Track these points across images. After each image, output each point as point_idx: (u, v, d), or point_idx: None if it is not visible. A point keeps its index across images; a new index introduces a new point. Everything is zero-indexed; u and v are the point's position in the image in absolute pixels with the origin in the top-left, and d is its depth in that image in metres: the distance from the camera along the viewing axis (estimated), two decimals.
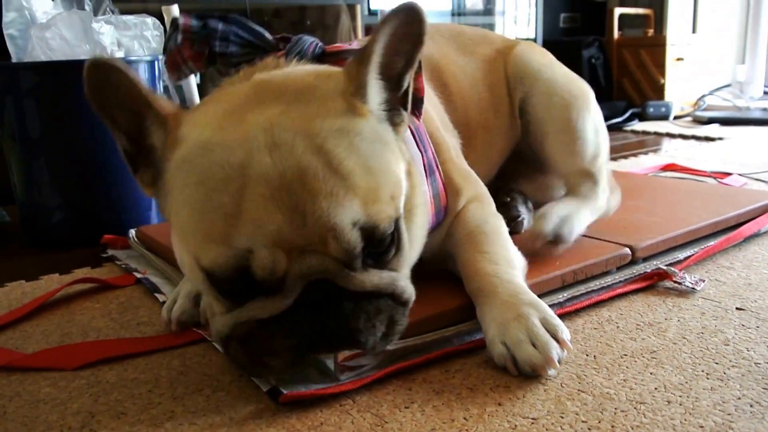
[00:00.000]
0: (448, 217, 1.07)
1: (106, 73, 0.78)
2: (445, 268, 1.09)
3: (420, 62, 0.87)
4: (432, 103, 1.18)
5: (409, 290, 0.84)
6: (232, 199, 0.72)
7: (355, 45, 1.04)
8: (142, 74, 1.64)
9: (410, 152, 0.95)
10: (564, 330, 0.88)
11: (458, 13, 3.94)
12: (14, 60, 1.64)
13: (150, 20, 1.73)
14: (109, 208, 1.63)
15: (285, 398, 0.82)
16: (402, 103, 0.87)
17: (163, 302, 1.11)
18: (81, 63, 1.51)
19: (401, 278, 0.83)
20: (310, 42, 1.01)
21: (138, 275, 1.33)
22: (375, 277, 0.79)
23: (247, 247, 0.72)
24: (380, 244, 0.79)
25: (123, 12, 1.76)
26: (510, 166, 1.43)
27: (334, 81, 0.83)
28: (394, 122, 0.86)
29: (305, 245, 0.73)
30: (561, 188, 1.45)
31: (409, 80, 0.86)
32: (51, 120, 1.58)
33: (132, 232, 1.52)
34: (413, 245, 0.89)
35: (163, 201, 0.84)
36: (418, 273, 1.01)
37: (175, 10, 1.78)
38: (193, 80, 1.83)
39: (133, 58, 1.66)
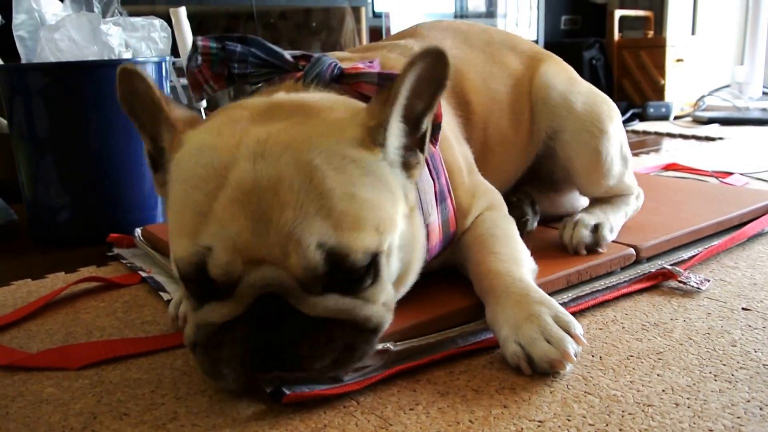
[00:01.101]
0: (456, 234, 1.06)
1: (131, 79, 0.82)
2: (450, 269, 1.08)
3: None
4: (449, 124, 1.16)
5: (377, 319, 0.81)
6: (205, 198, 0.74)
7: (375, 65, 1.03)
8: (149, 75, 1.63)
9: (421, 186, 0.95)
10: (577, 325, 0.87)
11: (461, 15, 3.94)
12: (24, 61, 1.66)
13: (157, 22, 1.73)
14: (116, 208, 1.64)
15: (288, 399, 0.81)
16: (419, 145, 0.87)
17: (168, 301, 1.11)
18: (89, 64, 1.53)
19: (367, 308, 0.79)
20: (329, 63, 1.00)
21: (143, 274, 1.32)
22: (330, 302, 0.76)
23: (207, 244, 0.73)
24: (351, 274, 0.77)
25: (131, 14, 1.77)
26: (524, 179, 1.42)
27: (352, 112, 0.83)
28: (408, 165, 0.86)
29: (265, 255, 0.73)
30: (573, 202, 1.46)
31: (428, 124, 0.86)
32: (59, 120, 1.58)
33: (138, 231, 1.52)
34: (404, 280, 0.89)
35: (166, 201, 0.86)
36: (423, 275, 1.01)
37: (182, 12, 1.78)
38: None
39: (140, 59, 1.66)
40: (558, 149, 1.33)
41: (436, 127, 0.91)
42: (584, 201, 1.45)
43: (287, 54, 1.04)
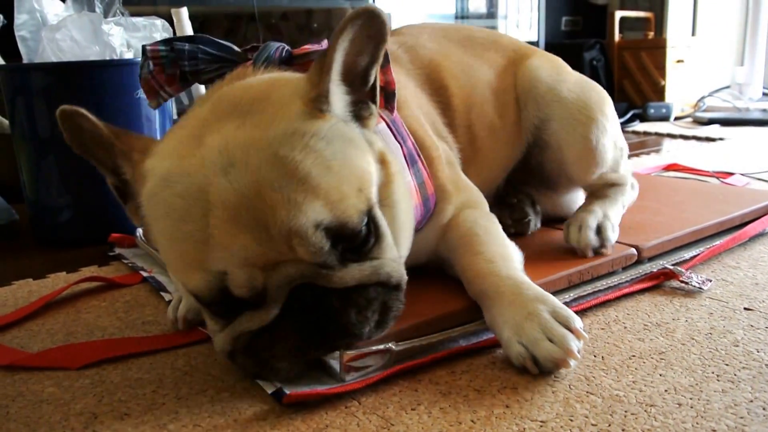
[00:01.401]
0: (436, 218, 1.06)
1: (74, 119, 0.83)
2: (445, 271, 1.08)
3: (387, 55, 0.88)
4: (425, 109, 1.18)
5: (397, 274, 0.85)
6: (197, 227, 0.75)
7: (325, 44, 1.03)
8: None
9: (385, 141, 0.95)
10: (576, 319, 0.87)
11: (461, 16, 3.95)
12: (26, 61, 1.66)
13: (159, 22, 1.73)
14: (117, 208, 1.59)
15: (289, 399, 0.81)
16: (370, 96, 0.88)
17: (169, 301, 1.11)
18: (91, 64, 1.52)
19: (385, 264, 0.83)
20: (276, 47, 1.01)
21: (144, 274, 1.32)
22: (355, 272, 0.80)
23: (221, 269, 0.75)
24: (354, 239, 0.79)
25: (133, 14, 1.77)
26: (519, 177, 1.41)
27: (293, 86, 0.83)
28: (361, 117, 0.87)
29: (277, 256, 0.75)
30: (573, 202, 1.44)
31: (375, 74, 0.87)
32: None
33: (139, 230, 1.52)
34: (400, 230, 0.89)
35: (147, 231, 0.87)
36: (422, 275, 1.01)
37: (184, 12, 1.78)
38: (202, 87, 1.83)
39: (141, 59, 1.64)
40: (548, 139, 1.33)
41: (391, 94, 0.93)
42: (582, 200, 1.44)
43: (236, 47, 1.05)
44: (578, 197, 1.43)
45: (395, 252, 0.87)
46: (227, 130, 0.77)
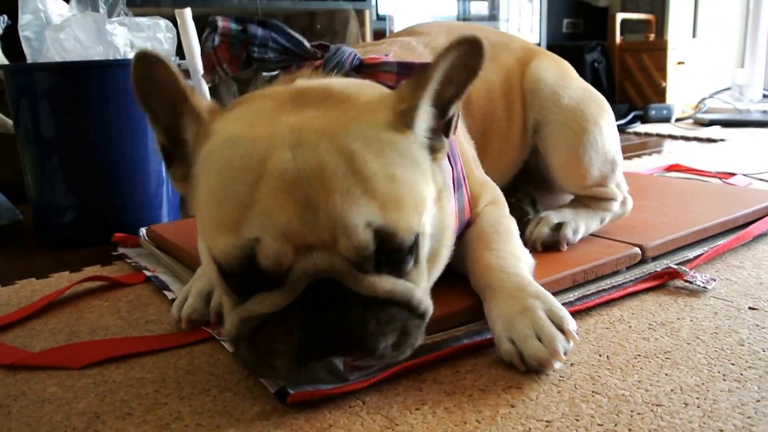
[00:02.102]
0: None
1: (151, 65, 0.77)
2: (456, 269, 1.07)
3: None
4: (463, 121, 1.17)
5: (426, 303, 0.81)
6: (246, 189, 0.72)
7: (391, 57, 1.02)
8: None
9: (443, 177, 0.93)
10: (570, 321, 0.87)
11: (463, 18, 3.95)
12: (30, 61, 1.66)
13: (163, 22, 1.73)
14: (121, 208, 1.63)
15: (293, 399, 0.80)
16: (444, 130, 0.86)
17: (173, 300, 1.10)
18: (94, 64, 1.52)
19: (417, 289, 0.79)
20: (349, 53, 1.00)
21: (147, 273, 1.32)
22: (388, 283, 0.76)
23: (255, 236, 0.71)
24: (397, 254, 0.76)
25: (136, 15, 1.76)
26: (520, 176, 1.41)
27: (382, 96, 0.82)
28: (434, 149, 0.85)
29: (315, 241, 0.72)
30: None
31: (455, 110, 0.85)
32: (64, 120, 1.58)
33: (143, 230, 1.52)
34: (436, 264, 0.88)
35: (191, 196, 0.84)
36: None
37: (188, 13, 1.78)
38: (202, 82, 1.83)
39: None
40: (539, 142, 1.32)
41: (456, 116, 0.90)
42: None
43: (307, 42, 1.03)
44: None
45: (427, 284, 0.84)
46: (306, 116, 0.76)
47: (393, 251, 0.75)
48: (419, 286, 0.80)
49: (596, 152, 1.28)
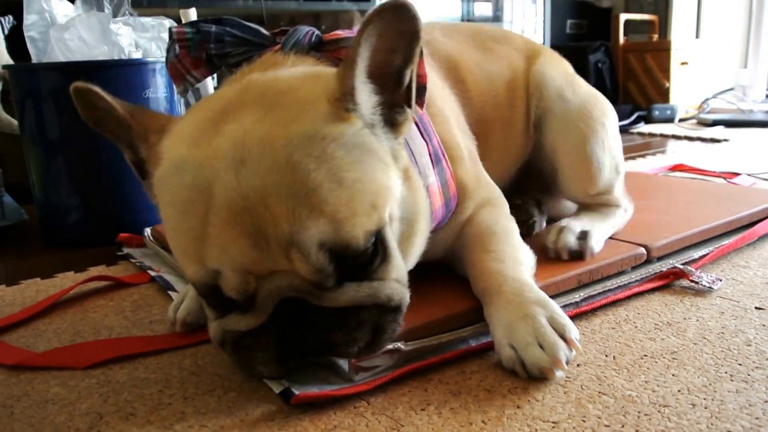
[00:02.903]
0: (456, 216, 1.04)
1: (87, 97, 0.82)
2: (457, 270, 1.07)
3: (421, 49, 0.83)
4: (449, 105, 1.15)
5: (398, 296, 0.81)
6: (198, 222, 0.73)
7: (356, 30, 1.02)
8: (159, 76, 1.64)
9: (415, 149, 0.93)
10: (572, 329, 0.86)
11: (467, 19, 3.94)
12: (35, 62, 1.66)
13: (167, 22, 1.74)
14: (126, 208, 1.63)
15: (297, 400, 0.80)
16: (405, 99, 0.84)
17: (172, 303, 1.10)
18: (99, 64, 1.52)
19: (386, 287, 0.79)
20: (306, 32, 0.98)
21: (152, 273, 1.32)
22: (350, 292, 0.76)
23: (215, 268, 0.73)
24: (358, 258, 0.76)
25: (141, 15, 1.76)
26: (523, 178, 1.40)
27: (322, 83, 0.80)
28: (395, 122, 0.83)
29: (273, 267, 0.73)
30: (574, 207, 1.42)
31: (410, 76, 0.82)
32: (69, 120, 1.58)
33: (147, 230, 1.52)
34: (413, 245, 0.87)
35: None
36: (432, 274, 1.00)
37: (192, 14, 1.78)
38: (210, 82, 1.83)
39: (150, 59, 1.65)
40: (544, 140, 1.30)
41: (421, 88, 0.88)
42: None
43: (264, 30, 1.02)
44: None
45: (403, 271, 0.84)
46: (247, 121, 0.75)
47: (353, 257, 0.75)
48: (389, 278, 0.80)
49: (604, 155, 1.27)
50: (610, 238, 1.23)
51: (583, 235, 1.15)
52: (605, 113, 1.30)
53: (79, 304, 1.20)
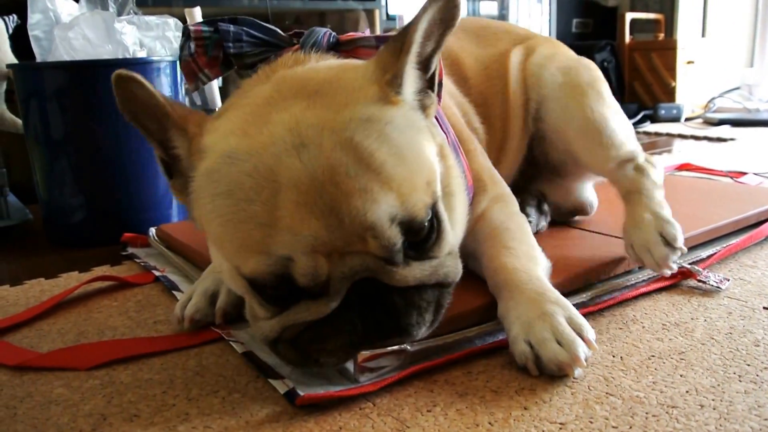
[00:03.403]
0: (471, 212, 1.03)
1: (128, 85, 0.78)
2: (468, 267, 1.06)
3: None
4: (456, 101, 1.16)
5: (453, 273, 0.83)
6: (264, 208, 0.71)
7: (368, 33, 1.02)
8: (163, 75, 1.64)
9: (441, 133, 0.94)
10: (589, 329, 0.85)
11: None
12: (39, 61, 1.66)
13: (172, 21, 1.73)
14: (130, 208, 1.63)
15: (302, 401, 0.79)
16: (430, 85, 0.86)
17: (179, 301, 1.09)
18: (103, 63, 1.52)
19: (444, 264, 0.81)
20: (324, 32, 0.99)
21: (157, 273, 1.31)
22: (417, 271, 0.77)
23: (286, 254, 0.71)
24: (419, 234, 0.77)
25: (146, 14, 1.76)
26: (528, 171, 1.39)
27: (363, 70, 0.81)
28: (425, 105, 0.85)
29: (345, 247, 0.72)
30: (583, 190, 1.41)
31: (436, 63, 0.85)
32: (73, 120, 1.58)
33: (152, 230, 1.52)
34: (456, 224, 0.88)
35: (193, 208, 0.83)
36: None
37: (197, 12, 1.78)
38: (215, 82, 1.83)
39: (155, 58, 1.65)
40: (546, 122, 1.30)
41: (439, 83, 0.90)
42: (592, 193, 1.43)
43: (281, 31, 1.03)
44: (586, 185, 1.42)
45: (454, 245, 0.85)
46: (296, 109, 0.75)
47: (415, 233, 0.76)
48: (444, 255, 0.82)
49: (606, 109, 1.26)
50: (618, 236, 1.21)
51: (663, 238, 1.08)
52: (590, 74, 1.31)
53: (83, 304, 1.19)
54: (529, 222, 1.29)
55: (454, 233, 0.86)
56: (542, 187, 1.38)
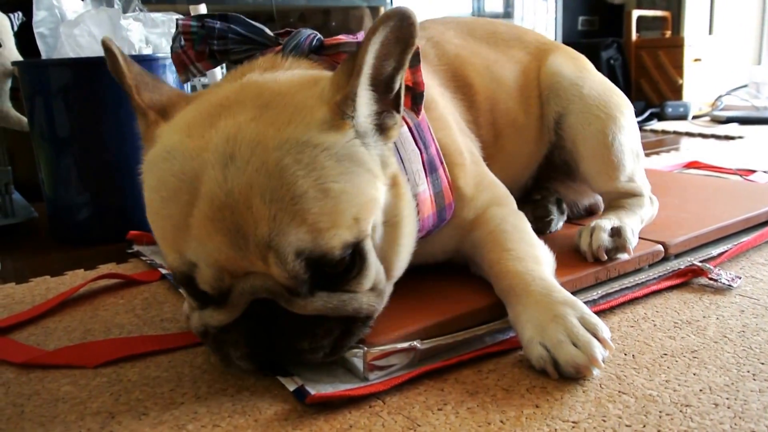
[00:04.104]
0: (453, 221, 1.03)
1: (109, 55, 0.84)
2: (463, 264, 1.06)
3: (418, 55, 0.84)
4: (447, 108, 1.14)
5: (368, 308, 0.82)
6: (180, 212, 0.73)
7: (361, 36, 1.01)
8: (169, 71, 1.63)
9: (405, 155, 0.93)
10: (604, 328, 0.84)
11: (478, 16, 3.92)
12: (44, 58, 1.65)
13: (177, 18, 1.71)
14: (135, 205, 1.58)
15: (312, 399, 0.79)
16: (394, 105, 0.84)
17: None
18: None
19: (357, 299, 0.81)
20: (307, 35, 0.99)
21: (163, 271, 1.31)
22: (319, 303, 0.78)
23: (192, 261, 0.74)
24: (334, 268, 0.77)
25: (151, 11, 1.76)
26: (545, 173, 1.38)
27: (319, 88, 0.80)
28: (384, 127, 0.83)
29: (249, 267, 0.74)
30: (595, 195, 1.41)
31: (400, 82, 0.83)
32: (79, 117, 1.57)
33: None
34: (399, 251, 0.88)
35: None
36: (445, 272, 0.98)
37: (202, 9, 1.77)
38: (218, 72, 1.82)
39: (160, 55, 1.64)
40: (564, 134, 1.29)
41: (419, 95, 0.89)
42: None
43: (268, 30, 1.03)
44: None
45: (380, 280, 0.84)
46: (241, 119, 0.76)
47: (329, 268, 0.76)
48: (363, 289, 0.82)
49: (626, 139, 1.25)
50: None
51: (616, 232, 1.12)
52: (622, 103, 1.29)
53: (89, 302, 1.19)
54: (550, 220, 1.28)
55: (391, 265, 0.86)
56: (557, 187, 1.37)
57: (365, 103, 0.81)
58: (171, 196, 0.74)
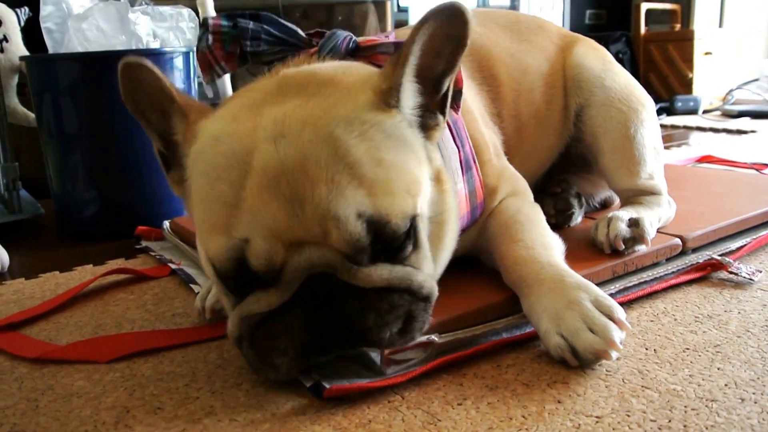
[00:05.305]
0: (482, 215, 1.02)
1: (136, 71, 0.78)
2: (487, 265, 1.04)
3: None
4: (474, 101, 1.12)
5: (428, 286, 0.78)
6: (231, 188, 0.71)
7: (392, 38, 1.00)
8: (176, 65, 1.62)
9: (446, 153, 0.91)
10: (619, 309, 0.83)
11: None
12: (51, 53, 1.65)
13: (186, 11, 1.72)
14: (143, 201, 1.62)
15: (330, 393, 0.77)
16: (440, 106, 0.83)
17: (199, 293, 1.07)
18: (117, 54, 1.50)
19: (418, 273, 0.77)
20: (344, 37, 0.98)
21: (173, 266, 1.29)
22: (384, 271, 0.74)
23: (244, 236, 0.70)
24: (392, 242, 0.74)
25: (159, 4, 1.75)
26: (561, 161, 1.36)
27: (365, 76, 0.80)
28: (427, 126, 0.82)
29: (305, 236, 0.70)
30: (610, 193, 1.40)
31: (449, 84, 0.82)
32: (86, 113, 1.57)
33: (166, 223, 1.50)
34: (443, 249, 0.85)
35: (186, 199, 0.83)
36: (463, 266, 0.97)
37: (209, 3, 1.77)
38: (227, 76, 1.82)
39: (168, 48, 1.63)
40: (584, 127, 1.26)
41: (457, 93, 0.87)
42: None
43: (301, 31, 1.01)
44: None
45: (431, 267, 0.81)
46: (289, 106, 0.75)
47: (388, 238, 0.73)
48: (421, 269, 0.78)
49: (647, 134, 1.23)
50: None
51: (634, 222, 1.10)
52: (644, 97, 1.27)
53: (99, 297, 1.18)
54: (571, 213, 1.26)
55: (436, 260, 0.83)
56: (574, 180, 1.35)
57: (409, 95, 0.80)
58: (221, 175, 0.72)
